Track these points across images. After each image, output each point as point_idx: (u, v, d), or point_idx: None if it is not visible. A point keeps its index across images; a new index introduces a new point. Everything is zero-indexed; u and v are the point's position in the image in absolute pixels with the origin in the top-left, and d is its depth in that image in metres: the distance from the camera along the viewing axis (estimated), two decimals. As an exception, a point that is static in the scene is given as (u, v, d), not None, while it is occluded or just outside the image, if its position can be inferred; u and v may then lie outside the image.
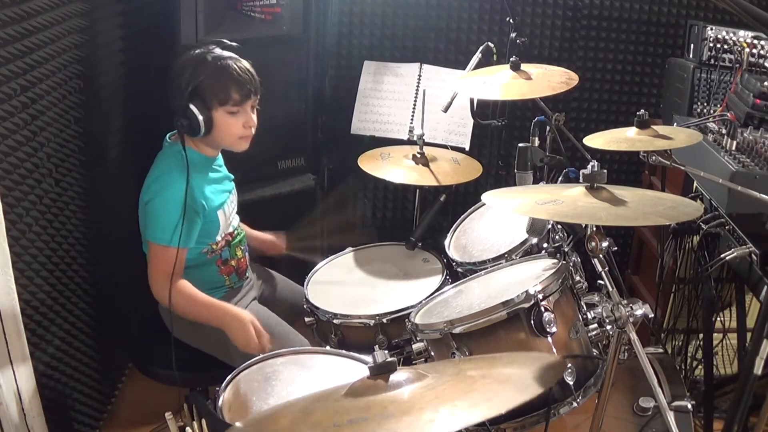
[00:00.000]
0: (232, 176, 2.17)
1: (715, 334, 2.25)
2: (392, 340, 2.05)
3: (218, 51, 1.96)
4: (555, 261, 1.79)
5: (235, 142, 2.01)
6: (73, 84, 2.09)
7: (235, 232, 2.14)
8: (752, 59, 2.45)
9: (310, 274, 2.30)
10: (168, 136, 2.02)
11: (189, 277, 1.97)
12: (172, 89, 1.91)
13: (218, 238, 2.05)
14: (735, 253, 1.85)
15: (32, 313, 1.90)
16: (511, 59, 2.27)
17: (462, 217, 2.44)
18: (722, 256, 1.91)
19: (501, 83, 2.22)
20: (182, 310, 1.93)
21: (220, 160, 2.13)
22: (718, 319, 2.23)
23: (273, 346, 1.89)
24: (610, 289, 1.50)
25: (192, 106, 1.89)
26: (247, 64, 1.98)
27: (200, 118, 1.90)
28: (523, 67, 2.26)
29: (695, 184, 2.21)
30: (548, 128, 2.20)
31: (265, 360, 1.78)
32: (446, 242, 2.31)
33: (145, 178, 1.96)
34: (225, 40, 2.03)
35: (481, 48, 2.63)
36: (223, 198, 2.06)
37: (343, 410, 1.03)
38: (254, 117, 2.01)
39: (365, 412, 1.00)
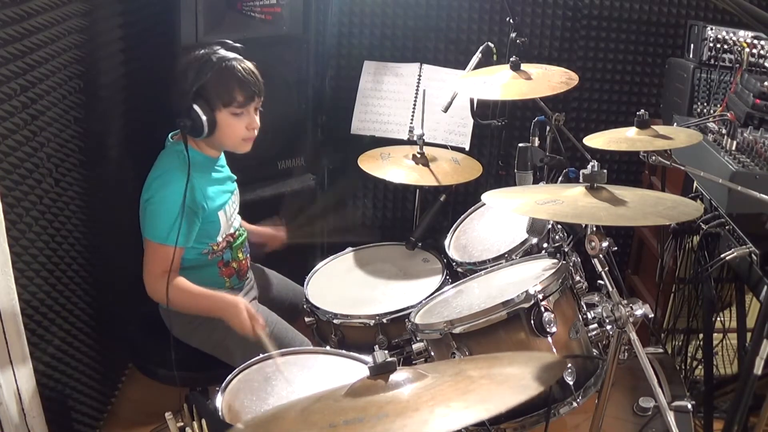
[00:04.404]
0: (235, 177, 2.17)
1: (715, 334, 2.25)
2: (392, 340, 2.05)
3: (223, 52, 1.95)
4: (555, 261, 1.79)
5: (238, 143, 2.01)
6: (73, 84, 2.09)
7: (237, 233, 2.13)
8: (752, 59, 2.45)
9: (310, 274, 2.30)
10: (170, 135, 2.02)
11: (189, 278, 1.96)
12: (175, 89, 1.91)
13: (219, 239, 2.05)
14: (735, 253, 1.85)
15: (32, 313, 1.90)
16: (511, 59, 2.27)
17: (462, 217, 2.44)
18: (722, 256, 1.91)
19: (501, 83, 2.22)
20: (178, 305, 1.93)
21: (223, 160, 2.12)
22: (718, 319, 2.23)
23: (273, 345, 1.89)
24: (610, 289, 1.50)
25: (196, 107, 1.89)
26: (251, 66, 1.97)
27: (204, 118, 1.90)
28: (523, 67, 2.26)
29: (695, 184, 2.21)
30: (548, 128, 2.20)
31: (265, 360, 1.78)
32: (446, 242, 2.32)
33: (147, 177, 1.96)
34: (229, 41, 2.03)
35: (481, 48, 2.63)
36: (224, 198, 2.06)
37: (341, 410, 1.03)
38: (257, 119, 2.01)
39: (362, 413, 1.00)
